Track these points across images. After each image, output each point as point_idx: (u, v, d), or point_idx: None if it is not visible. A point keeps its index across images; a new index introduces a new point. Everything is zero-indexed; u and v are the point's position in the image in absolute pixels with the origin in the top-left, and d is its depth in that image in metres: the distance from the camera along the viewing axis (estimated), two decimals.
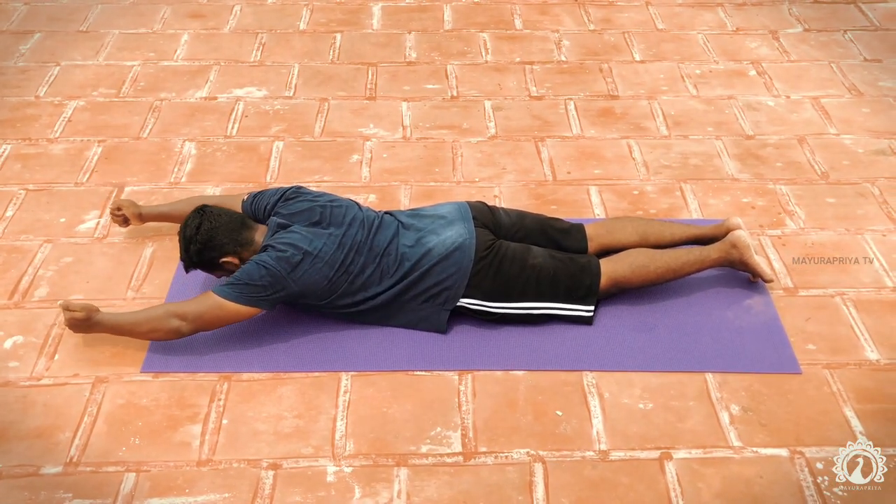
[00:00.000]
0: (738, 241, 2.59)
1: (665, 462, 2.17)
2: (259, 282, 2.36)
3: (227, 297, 2.35)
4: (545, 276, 2.48)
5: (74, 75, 3.78)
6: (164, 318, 2.36)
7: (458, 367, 2.41)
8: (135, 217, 2.82)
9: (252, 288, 2.36)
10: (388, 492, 2.10)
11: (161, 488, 2.10)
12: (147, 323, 2.37)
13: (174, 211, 2.78)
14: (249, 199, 2.63)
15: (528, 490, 2.10)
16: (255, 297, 2.36)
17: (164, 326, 2.36)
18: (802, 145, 3.37)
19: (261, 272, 2.36)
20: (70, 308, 2.38)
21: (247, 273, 2.37)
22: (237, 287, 2.36)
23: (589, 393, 2.35)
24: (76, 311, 2.37)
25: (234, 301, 2.35)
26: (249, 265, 2.39)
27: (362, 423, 2.27)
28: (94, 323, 2.38)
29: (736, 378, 2.39)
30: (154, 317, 2.37)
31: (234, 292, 2.35)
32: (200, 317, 2.36)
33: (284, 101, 3.62)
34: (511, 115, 3.55)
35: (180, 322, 2.35)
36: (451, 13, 4.30)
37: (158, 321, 2.36)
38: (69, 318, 2.37)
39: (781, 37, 4.12)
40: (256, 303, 2.37)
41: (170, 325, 2.36)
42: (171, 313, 2.36)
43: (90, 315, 2.37)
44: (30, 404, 2.31)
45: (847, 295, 2.66)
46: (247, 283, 2.36)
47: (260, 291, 2.36)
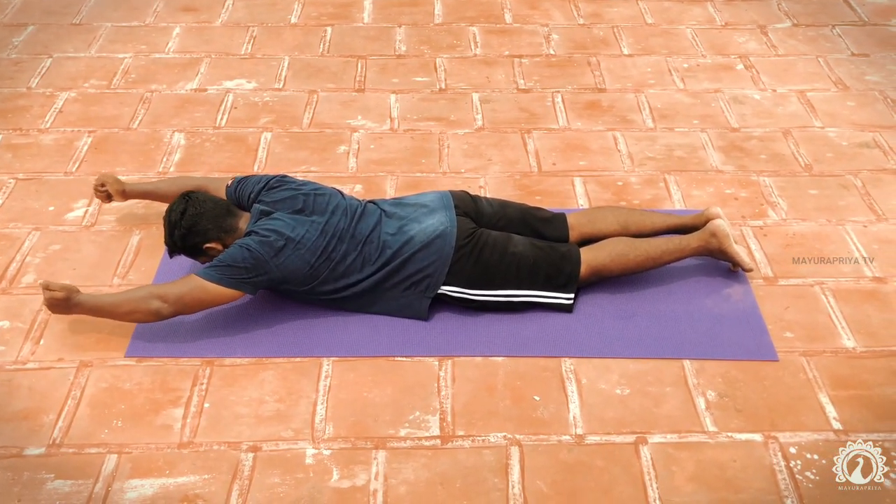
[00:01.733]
0: (717, 230, 2.62)
1: (640, 446, 2.19)
2: (242, 264, 2.38)
3: (209, 279, 2.37)
4: (525, 264, 2.51)
5: (66, 67, 3.81)
6: (144, 300, 2.36)
7: (438, 353, 2.44)
8: (118, 193, 2.81)
9: (235, 270, 2.38)
10: (366, 473, 2.13)
11: (142, 470, 2.13)
12: (127, 304, 2.37)
13: (158, 189, 2.79)
14: (234, 184, 2.66)
15: (504, 472, 2.13)
16: (237, 279, 2.38)
17: (145, 307, 2.36)
18: (787, 138, 3.39)
19: (244, 254, 2.39)
20: (50, 287, 2.36)
21: (230, 255, 2.40)
22: (220, 269, 2.38)
23: (567, 378, 2.37)
24: (56, 291, 2.36)
25: (216, 283, 2.37)
26: (233, 248, 2.42)
27: (342, 407, 2.29)
28: (74, 304, 2.38)
29: (713, 365, 2.41)
30: (135, 298, 2.38)
31: (217, 274, 2.38)
32: (181, 298, 2.36)
33: (274, 93, 3.64)
34: (498, 107, 3.57)
35: (161, 303, 2.36)
36: (441, 7, 4.33)
37: (139, 302, 2.36)
38: (49, 297, 2.36)
39: (770, 31, 4.14)
40: (238, 285, 2.39)
41: (150, 307, 2.36)
42: (152, 294, 2.37)
43: (70, 295, 2.37)
44: (15, 387, 2.34)
45: (826, 284, 2.68)
46: (229, 265, 2.38)
47: (242, 274, 2.38)
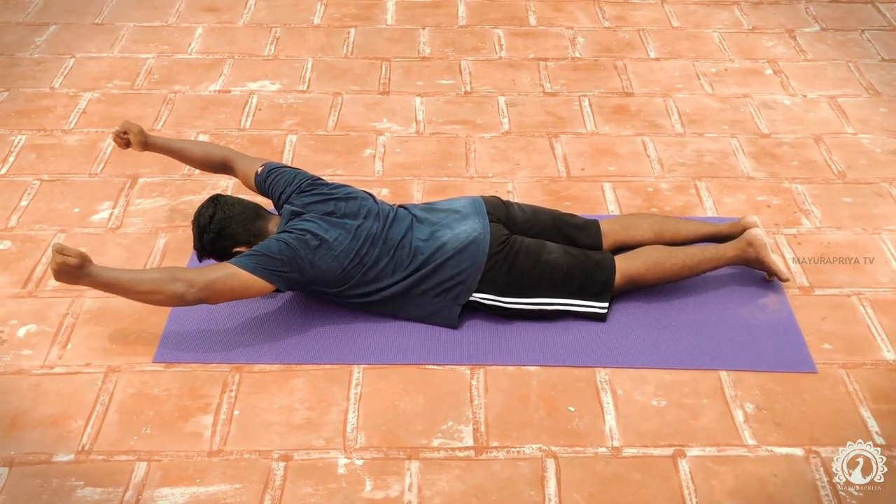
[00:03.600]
0: (754, 240, 2.57)
1: (678, 459, 2.15)
2: (278, 255, 2.32)
3: (242, 266, 2.29)
4: (559, 271, 2.47)
5: (89, 67, 3.79)
6: (169, 281, 2.24)
7: (469, 362, 2.40)
8: (139, 143, 2.72)
9: (270, 260, 2.31)
10: (400, 485, 2.09)
11: (172, 478, 2.10)
12: (149, 283, 2.25)
13: (182, 149, 2.72)
14: (264, 173, 2.60)
15: (541, 485, 2.09)
16: (270, 269, 2.31)
17: (168, 290, 2.23)
18: (819, 144, 3.34)
19: (280, 247, 2.34)
20: (64, 252, 2.19)
21: (266, 246, 2.34)
22: (255, 258, 2.32)
23: (602, 389, 2.33)
24: (70, 256, 2.18)
25: (249, 271, 2.29)
26: (269, 241, 2.36)
27: (374, 416, 2.26)
28: (86, 273, 2.21)
29: (750, 376, 2.37)
30: (157, 278, 2.25)
31: (251, 262, 2.31)
32: (212, 284, 2.25)
33: (298, 95, 3.61)
34: (525, 111, 3.53)
35: (187, 287, 2.24)
36: (465, 9, 4.29)
37: (161, 283, 2.24)
38: (60, 261, 2.18)
39: (798, 35, 4.09)
40: (272, 277, 2.31)
41: (174, 289, 2.23)
42: (177, 277, 2.25)
43: (83, 263, 2.20)
44: (42, 392, 2.31)
45: (864, 294, 2.64)
46: (265, 254, 2.32)
47: (277, 265, 2.32)
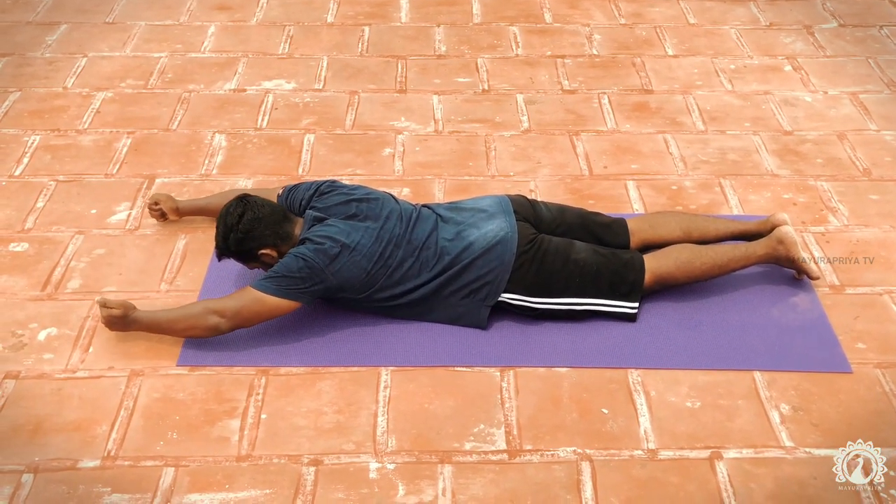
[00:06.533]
0: (784, 238, 2.54)
1: (715, 462, 2.11)
2: (297, 273, 2.31)
3: (266, 291, 2.30)
4: (588, 271, 2.43)
5: (102, 67, 3.74)
6: (202, 315, 2.32)
7: (499, 364, 2.36)
8: (172, 211, 2.80)
9: (291, 280, 2.31)
10: (433, 489, 2.05)
11: (201, 484, 2.06)
12: (185, 320, 2.34)
13: (210, 205, 2.76)
14: (284, 193, 2.59)
15: (577, 489, 2.05)
16: (294, 289, 2.31)
17: (203, 323, 2.32)
18: (842, 141, 3.30)
19: (299, 264, 2.32)
20: (108, 305, 2.33)
21: (285, 266, 2.33)
22: (275, 280, 2.32)
23: (635, 391, 2.29)
24: (114, 308, 2.33)
25: (273, 294, 2.30)
26: (287, 258, 2.35)
27: (404, 419, 2.22)
28: (132, 321, 2.35)
29: (784, 377, 2.33)
30: (192, 314, 2.34)
31: (273, 285, 2.31)
32: (239, 312, 2.31)
33: (314, 94, 3.57)
34: (544, 108, 3.49)
35: (219, 319, 2.31)
36: (479, 7, 4.25)
37: (196, 318, 2.33)
38: (106, 315, 2.33)
39: (816, 32, 4.05)
40: (296, 296, 2.32)
41: (208, 322, 2.32)
42: (209, 310, 2.32)
43: (127, 312, 2.34)
44: (65, 397, 2.27)
45: (895, 293, 2.60)
46: (284, 275, 2.32)
47: (299, 284, 2.31)
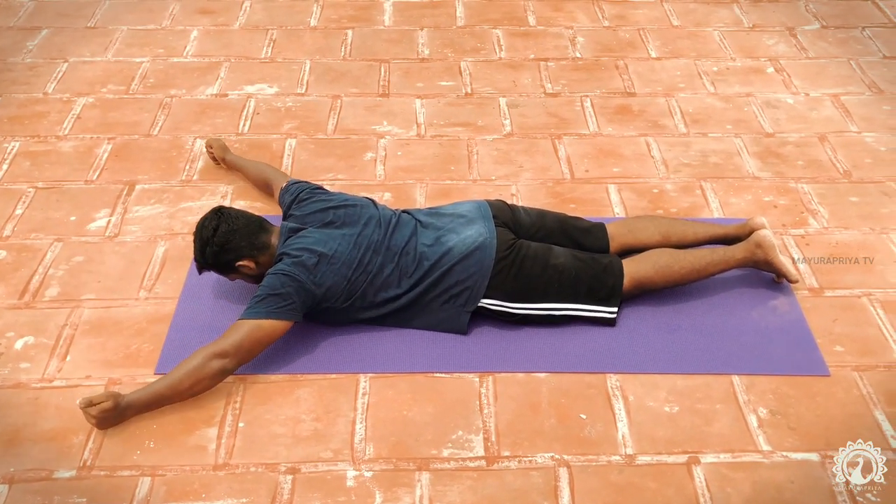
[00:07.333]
0: (763, 241, 2.54)
1: (693, 466, 2.11)
2: (282, 289, 2.29)
3: (259, 317, 2.25)
4: (567, 276, 2.43)
5: (83, 72, 3.73)
6: (203, 365, 2.19)
7: (478, 370, 2.36)
8: (221, 158, 3.06)
9: (277, 298, 2.28)
10: (410, 497, 2.05)
11: (177, 493, 2.05)
12: (187, 377, 2.19)
13: (245, 167, 2.99)
14: (285, 186, 2.64)
15: (554, 495, 2.05)
16: (284, 307, 2.28)
17: (208, 372, 2.20)
18: (823, 143, 3.31)
19: (281, 280, 2.30)
20: (93, 402, 2.12)
21: (268, 286, 2.30)
22: (263, 303, 2.28)
23: (613, 396, 2.29)
24: (102, 402, 2.12)
25: (266, 318, 2.25)
26: (268, 278, 2.32)
27: (382, 426, 2.21)
28: (126, 406, 2.16)
29: (763, 380, 2.34)
30: (192, 368, 2.19)
31: (263, 309, 2.27)
32: (241, 346, 2.22)
33: (296, 98, 3.56)
34: (526, 112, 3.49)
35: (222, 360, 2.21)
36: (463, 10, 4.25)
37: (199, 370, 2.19)
38: (97, 412, 2.11)
39: (798, 33, 4.06)
40: (287, 314, 2.28)
41: (213, 369, 2.20)
42: (208, 356, 2.20)
43: (116, 402, 2.14)
44: (42, 406, 2.26)
45: (874, 296, 2.61)
46: (269, 294, 2.28)
47: (286, 300, 2.29)
